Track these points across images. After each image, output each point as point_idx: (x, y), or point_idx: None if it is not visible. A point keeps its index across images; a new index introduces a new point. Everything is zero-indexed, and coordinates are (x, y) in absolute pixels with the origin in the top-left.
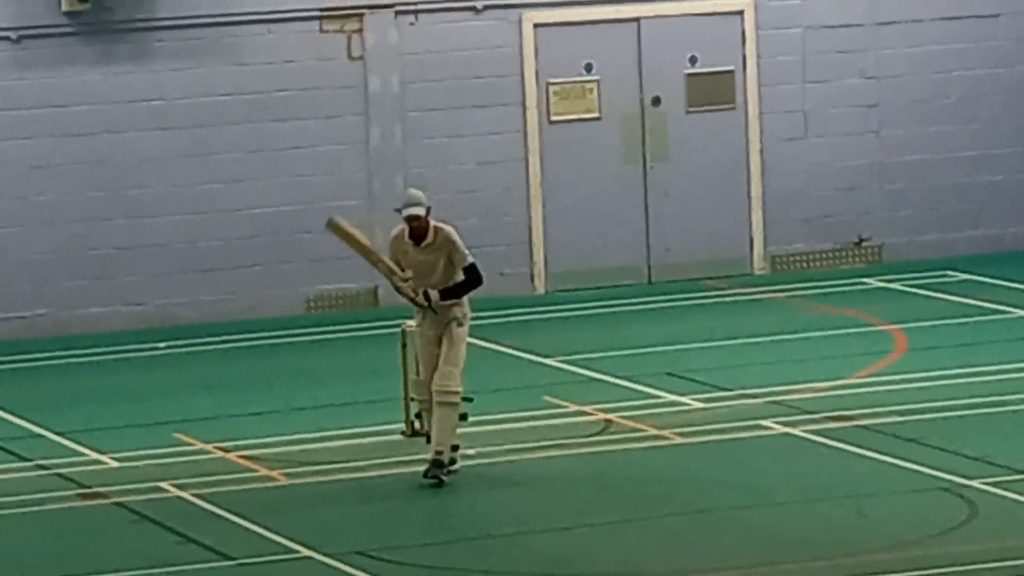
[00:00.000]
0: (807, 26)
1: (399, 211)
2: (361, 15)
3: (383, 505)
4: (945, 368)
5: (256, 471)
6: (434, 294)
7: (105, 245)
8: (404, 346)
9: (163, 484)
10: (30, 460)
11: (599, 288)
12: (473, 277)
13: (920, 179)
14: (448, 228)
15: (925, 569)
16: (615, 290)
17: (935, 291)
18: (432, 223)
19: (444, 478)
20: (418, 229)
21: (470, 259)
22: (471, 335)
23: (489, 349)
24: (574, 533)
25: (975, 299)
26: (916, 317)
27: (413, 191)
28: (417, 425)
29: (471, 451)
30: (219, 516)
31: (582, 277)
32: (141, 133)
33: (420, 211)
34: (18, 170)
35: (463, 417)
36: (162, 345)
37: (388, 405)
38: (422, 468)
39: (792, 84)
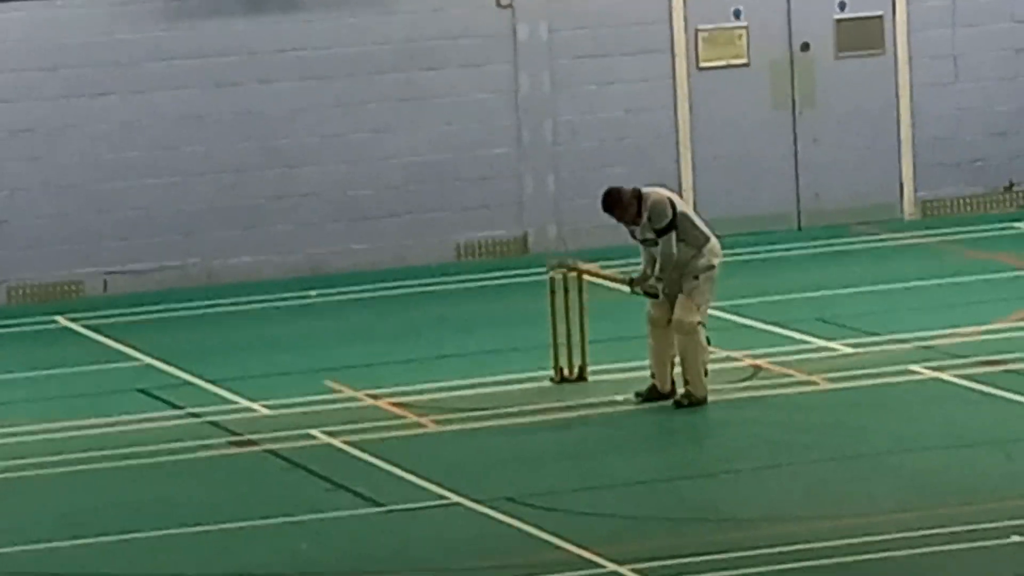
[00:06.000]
0: None
1: None
2: None
3: (533, 451)
4: None
5: (406, 418)
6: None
7: (255, 195)
8: (552, 293)
9: (313, 431)
10: (182, 408)
11: (748, 235)
12: None
13: None
14: None
15: None
16: (764, 236)
17: None
18: None
19: None
20: None
21: None
22: None
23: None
24: (721, 479)
25: None
26: None
27: None
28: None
29: (619, 397)
30: (369, 463)
31: (731, 224)
32: (290, 83)
33: None
34: (169, 121)
35: None
36: (312, 294)
37: (537, 352)
38: (573, 415)
39: (941, 29)
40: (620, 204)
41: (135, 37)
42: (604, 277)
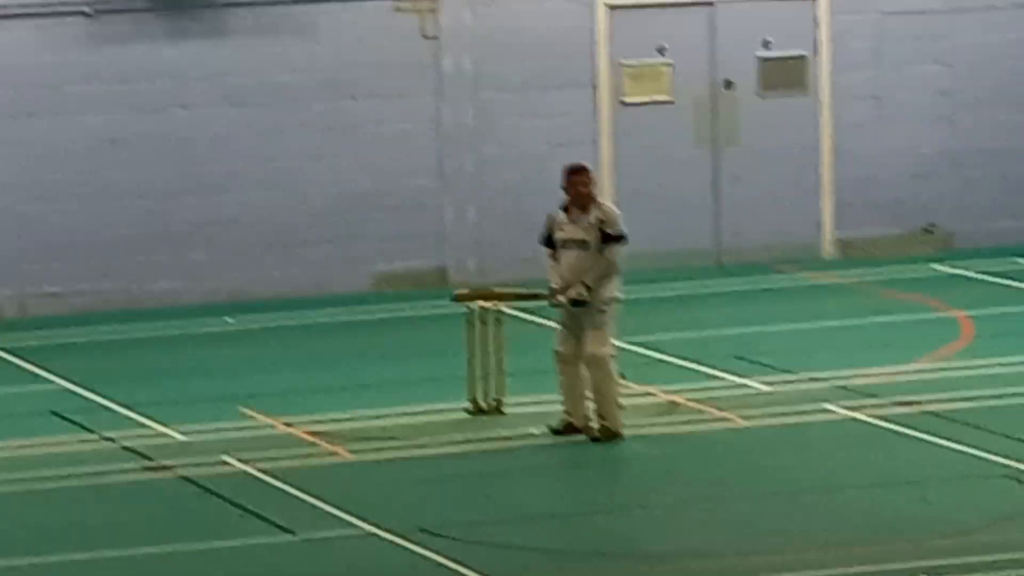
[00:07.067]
0: (881, 11)
1: None
2: None
3: (447, 483)
4: (1011, 356)
5: (321, 447)
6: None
7: (177, 221)
8: (470, 325)
9: (228, 458)
10: (96, 432)
11: (668, 271)
12: None
13: (992, 167)
14: None
15: (987, 555)
16: (684, 273)
17: (1004, 279)
18: None
19: None
20: None
21: None
22: None
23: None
24: (635, 514)
25: None
26: (984, 304)
27: None
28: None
29: (535, 430)
30: (283, 491)
31: (652, 259)
32: (214, 110)
33: None
34: (92, 145)
35: None
36: (230, 321)
37: (452, 383)
38: (488, 447)
39: (865, 70)
40: (588, 177)
41: (59, 60)
42: (517, 296)
